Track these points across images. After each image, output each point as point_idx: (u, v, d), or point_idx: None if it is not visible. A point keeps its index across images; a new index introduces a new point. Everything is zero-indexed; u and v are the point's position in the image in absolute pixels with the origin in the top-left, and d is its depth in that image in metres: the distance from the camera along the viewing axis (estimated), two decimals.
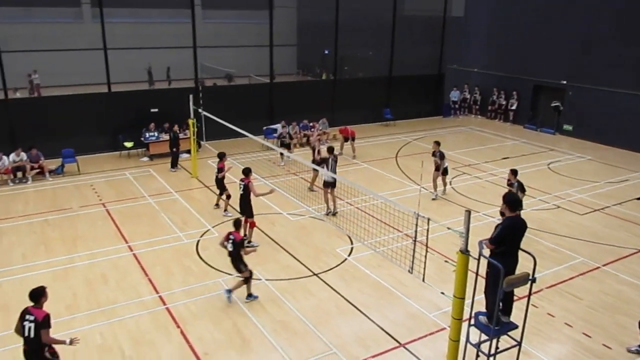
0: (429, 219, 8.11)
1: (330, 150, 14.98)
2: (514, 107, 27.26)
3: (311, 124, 22.88)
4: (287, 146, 19.63)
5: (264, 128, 22.35)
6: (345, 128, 20.97)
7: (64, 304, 10.20)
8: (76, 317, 9.82)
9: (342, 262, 12.17)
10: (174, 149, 18.70)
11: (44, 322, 7.16)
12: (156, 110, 20.71)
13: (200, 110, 17.76)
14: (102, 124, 20.40)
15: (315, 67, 38.48)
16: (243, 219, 12.41)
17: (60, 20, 30.64)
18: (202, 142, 20.01)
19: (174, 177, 17.92)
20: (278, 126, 21.94)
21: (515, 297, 7.71)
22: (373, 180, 17.89)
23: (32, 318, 7.19)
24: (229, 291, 10.37)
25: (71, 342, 7.36)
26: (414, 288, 10.96)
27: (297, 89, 26.58)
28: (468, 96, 29.28)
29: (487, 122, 28.02)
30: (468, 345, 7.27)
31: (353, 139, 20.69)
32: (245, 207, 12.67)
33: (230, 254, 10.31)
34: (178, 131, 18.89)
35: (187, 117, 17.93)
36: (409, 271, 9.32)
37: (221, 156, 14.68)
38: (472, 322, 7.26)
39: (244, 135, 15.05)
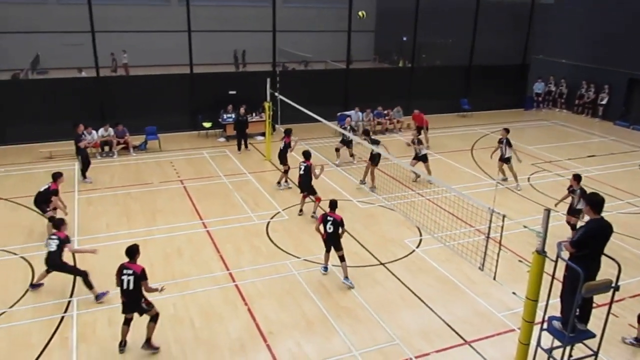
0: (504, 216, 7.82)
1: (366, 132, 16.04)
2: (604, 102, 25.59)
3: (385, 112, 22.62)
4: (348, 143, 18.01)
5: (338, 114, 22.33)
6: (420, 114, 20.46)
7: None
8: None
9: (409, 254, 12.03)
10: (239, 131, 19.08)
11: (142, 275, 8.17)
12: (234, 92, 21.22)
13: (276, 94, 18.02)
14: (183, 104, 21.20)
15: (393, 54, 37.96)
16: (302, 194, 13.80)
17: (149, 3, 32.03)
18: (276, 126, 20.30)
19: (247, 159, 18.36)
20: (352, 113, 21.90)
21: (594, 305, 7.32)
22: (446, 172, 17.48)
23: (130, 272, 8.15)
24: (345, 278, 10.56)
25: (161, 290, 8.39)
26: (483, 285, 10.66)
27: (373, 75, 26.33)
28: (553, 89, 27.81)
29: (573, 116, 26.53)
30: (539, 349, 6.99)
31: (427, 129, 20.27)
32: (307, 186, 13.61)
33: (329, 235, 10.37)
34: (245, 114, 19.17)
35: (263, 100, 18.26)
36: (479, 268, 9.06)
37: (288, 132, 15.59)
38: (545, 326, 6.96)
39: (318, 121, 15.14)
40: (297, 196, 14.80)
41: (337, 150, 17.91)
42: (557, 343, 6.98)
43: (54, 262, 9.69)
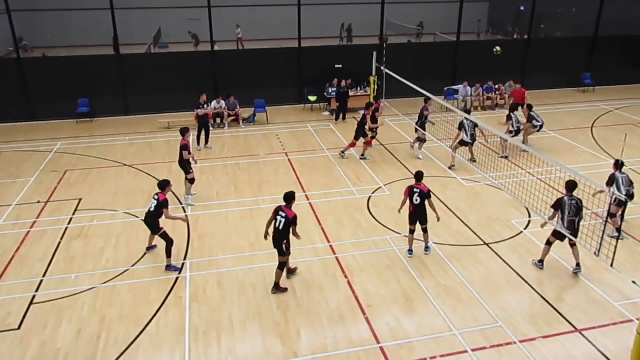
0: (626, 199, 7.21)
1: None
2: None
3: (496, 87, 21.50)
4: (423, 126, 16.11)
5: (445, 89, 21.66)
6: (521, 89, 19.27)
7: (247, 241, 11.31)
8: (257, 254, 10.82)
9: (516, 235, 11.50)
10: (339, 104, 19.57)
11: (293, 220, 9.26)
12: (340, 66, 21.26)
13: (382, 67, 17.79)
14: (290, 78, 21.64)
15: (508, 25, 35.89)
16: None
17: None
18: (382, 100, 20.10)
19: (351, 133, 18.29)
20: (460, 87, 21.11)
21: None
22: (561, 151, 16.38)
23: (284, 215, 9.25)
24: (427, 247, 10.75)
25: (299, 237, 9.52)
26: (598, 272, 9.96)
27: (485, 48, 25.01)
28: None
29: None
30: None
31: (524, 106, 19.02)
32: (358, 131, 15.60)
33: (416, 207, 10.28)
34: (345, 86, 19.57)
35: (369, 74, 18.13)
36: (595, 253, 8.49)
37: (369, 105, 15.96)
38: None
39: (424, 95, 14.77)
40: (399, 172, 14.73)
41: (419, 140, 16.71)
42: None
43: (149, 220, 10.28)
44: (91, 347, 8.27)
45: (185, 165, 12.93)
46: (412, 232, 10.56)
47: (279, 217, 9.31)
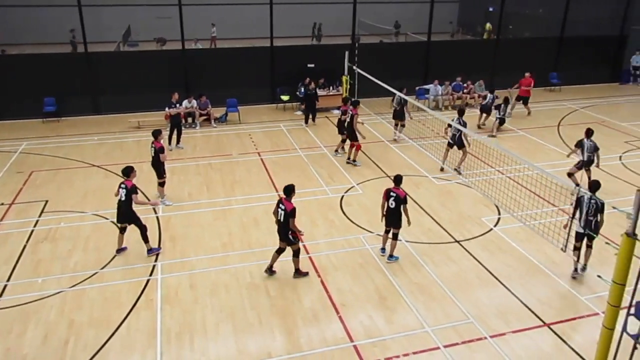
0: (591, 196, 7.39)
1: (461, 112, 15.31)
2: None
3: (465, 85, 21.79)
4: (401, 116, 17.44)
5: (417, 88, 21.86)
6: (530, 78, 20.13)
7: (220, 242, 11.22)
8: (230, 255, 10.75)
9: (487, 232, 11.69)
10: (306, 105, 19.04)
11: (292, 212, 9.37)
12: (313, 65, 21.27)
13: (354, 67, 17.87)
14: (263, 77, 21.55)
15: (477, 25, 36.42)
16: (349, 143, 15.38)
17: None
18: (353, 100, 20.19)
19: (323, 132, 18.43)
20: (431, 86, 21.35)
21: None
22: (529, 149, 16.73)
23: (283, 207, 9.42)
24: (390, 256, 10.56)
25: (302, 234, 9.81)
26: (565, 267, 10.20)
27: (456, 48, 25.43)
28: None
29: None
30: (624, 335, 6.61)
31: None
32: (351, 133, 15.12)
33: (390, 210, 10.25)
34: (314, 87, 19.12)
35: (341, 74, 18.18)
36: (562, 249, 8.69)
37: (355, 104, 15.55)
38: (632, 311, 6.56)
39: (396, 95, 14.89)
40: (371, 171, 14.82)
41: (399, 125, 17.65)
42: None
43: (123, 209, 10.27)
44: (59, 352, 8.09)
45: (159, 168, 12.74)
46: (387, 231, 10.62)
47: (279, 210, 9.53)
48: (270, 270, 10.05)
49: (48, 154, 16.22)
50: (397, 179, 10.37)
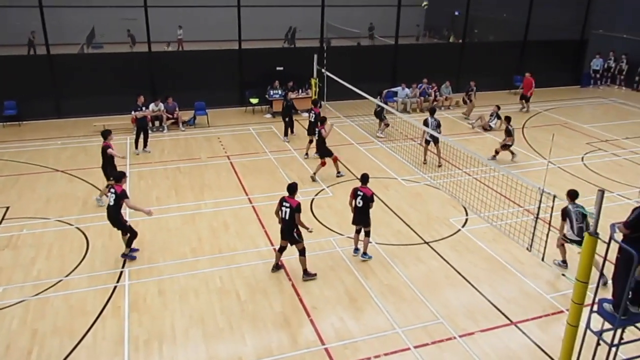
0: (554, 196, 7.58)
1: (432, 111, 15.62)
2: None
3: (431, 85, 22.04)
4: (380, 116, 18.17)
5: (385, 91, 22.02)
6: (530, 78, 20.93)
7: (189, 247, 11.08)
8: (199, 259, 10.62)
9: (455, 233, 11.86)
10: (283, 117, 17.86)
11: (297, 208, 9.50)
12: (281, 68, 21.22)
13: (323, 70, 17.90)
14: (231, 80, 21.38)
15: (444, 29, 36.99)
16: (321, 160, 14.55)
17: None
18: (322, 102, 20.24)
19: (293, 135, 18.37)
20: (398, 89, 21.57)
21: None
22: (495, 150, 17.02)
23: (287, 205, 9.52)
24: (364, 254, 10.67)
25: (311, 231, 9.88)
26: (531, 266, 10.42)
27: (423, 51, 25.75)
28: (613, 65, 26.44)
29: (633, 94, 25.24)
30: (588, 332, 6.78)
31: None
32: (322, 150, 14.55)
33: (358, 209, 10.34)
34: (291, 100, 18.26)
35: (310, 77, 18.19)
36: (527, 249, 8.88)
37: (315, 102, 15.78)
38: (596, 308, 6.75)
39: (364, 97, 14.98)
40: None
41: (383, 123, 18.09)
42: (607, 326, 6.76)
43: (111, 214, 10.18)
44: None
45: (107, 170, 12.55)
46: (357, 231, 10.69)
47: (283, 208, 9.59)
48: (276, 267, 10.22)
49: (8, 158, 15.74)
50: (364, 178, 10.49)
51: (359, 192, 10.31)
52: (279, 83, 20.50)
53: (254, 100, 21.01)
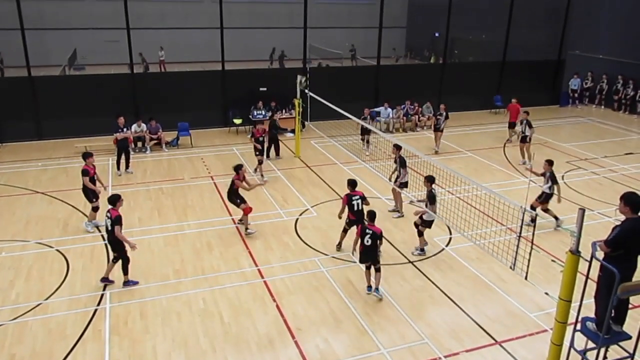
0: (536, 215, 7.65)
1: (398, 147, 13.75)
2: None
3: (413, 106, 22.28)
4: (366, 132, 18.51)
5: (369, 111, 22.21)
6: (516, 104, 20.34)
7: (172, 268, 10.94)
8: (182, 281, 10.49)
9: (439, 252, 11.90)
10: (269, 138, 17.50)
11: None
12: (265, 89, 21.32)
13: (306, 90, 18.03)
14: (214, 100, 21.41)
15: (424, 50, 37.60)
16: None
17: (183, 0, 32.41)
18: (306, 123, 20.32)
19: (279, 158, 18.37)
20: (381, 109, 21.76)
21: (630, 306, 7.10)
22: (477, 169, 17.23)
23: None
24: (376, 289, 10.09)
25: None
26: (514, 285, 10.48)
27: (404, 72, 26.09)
28: (590, 85, 27.03)
29: (611, 113, 25.77)
30: (572, 351, 6.82)
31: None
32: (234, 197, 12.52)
33: (367, 248, 9.88)
34: (277, 121, 18.09)
35: (293, 97, 18.30)
36: (510, 267, 8.90)
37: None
38: (579, 327, 6.79)
39: (347, 118, 15.08)
40: (325, 193, 14.85)
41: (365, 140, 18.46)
42: (591, 344, 6.80)
43: (111, 238, 10.07)
44: None
45: (87, 192, 12.44)
46: (367, 268, 10.21)
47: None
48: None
49: None
50: (371, 215, 10.00)
51: (367, 231, 9.84)
52: (262, 103, 20.56)
53: (237, 121, 21.03)
